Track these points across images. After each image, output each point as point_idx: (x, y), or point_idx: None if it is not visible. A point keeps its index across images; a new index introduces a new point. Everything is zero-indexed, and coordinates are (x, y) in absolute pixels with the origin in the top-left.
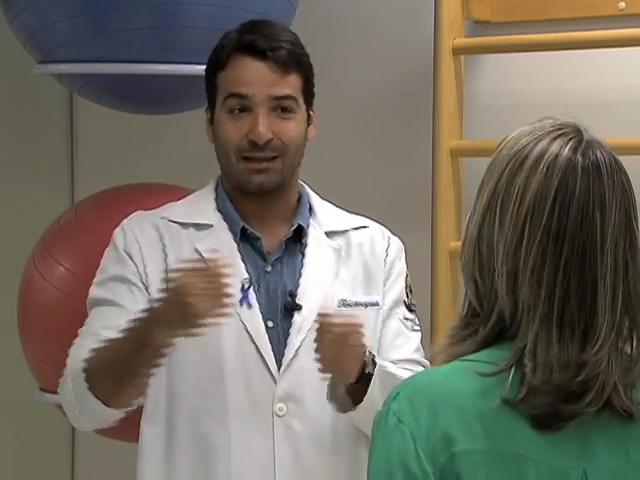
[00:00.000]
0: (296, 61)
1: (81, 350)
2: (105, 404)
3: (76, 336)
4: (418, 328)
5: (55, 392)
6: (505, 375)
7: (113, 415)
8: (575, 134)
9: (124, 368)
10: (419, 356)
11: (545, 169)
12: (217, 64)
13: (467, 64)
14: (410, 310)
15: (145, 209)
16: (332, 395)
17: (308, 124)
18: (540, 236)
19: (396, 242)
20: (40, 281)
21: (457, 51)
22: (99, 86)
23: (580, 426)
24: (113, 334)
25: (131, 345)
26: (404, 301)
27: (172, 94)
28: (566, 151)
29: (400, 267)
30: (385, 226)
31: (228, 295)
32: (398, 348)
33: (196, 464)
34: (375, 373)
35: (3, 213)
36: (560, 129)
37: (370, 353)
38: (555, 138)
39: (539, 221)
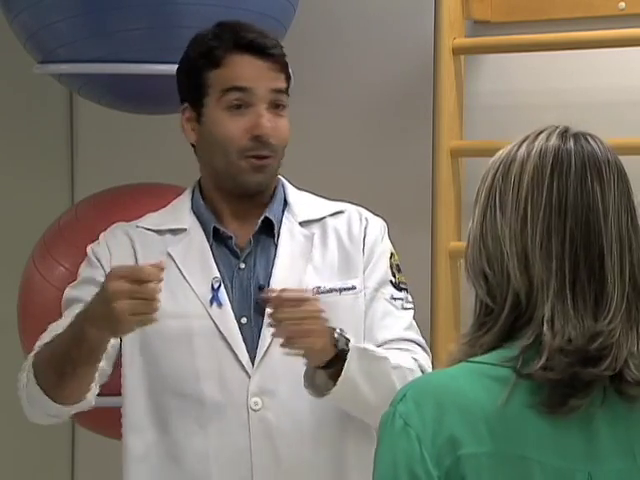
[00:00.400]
0: (285, 60)
1: (38, 344)
2: (51, 398)
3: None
4: (410, 306)
5: None
6: (521, 356)
7: (61, 411)
8: (560, 127)
9: (65, 362)
10: (413, 334)
11: (538, 152)
12: (208, 62)
13: (467, 64)
14: (399, 289)
15: (145, 209)
16: (309, 379)
17: None
18: (543, 211)
19: (375, 222)
20: (40, 281)
21: (457, 51)
22: (99, 86)
23: (587, 422)
24: None
25: (70, 340)
26: (390, 281)
27: (172, 94)
28: (554, 138)
29: (382, 247)
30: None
31: (155, 303)
32: (387, 328)
33: (175, 463)
34: (350, 350)
35: (3, 213)
36: (544, 128)
37: (341, 331)
38: (540, 133)
39: (540, 198)
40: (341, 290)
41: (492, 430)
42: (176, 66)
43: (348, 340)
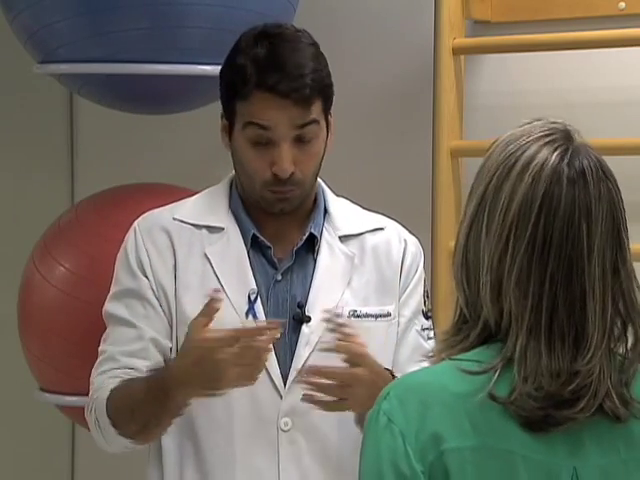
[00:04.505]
0: (318, 90)
1: (100, 378)
2: (134, 441)
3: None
4: (433, 335)
5: (55, 392)
6: (491, 375)
7: (141, 444)
8: (563, 141)
9: (148, 417)
10: None
11: (531, 179)
12: (236, 93)
13: (467, 64)
14: (427, 317)
15: (145, 209)
16: (359, 419)
17: (328, 134)
18: (525, 247)
19: (413, 245)
20: (40, 281)
21: (457, 51)
22: (99, 86)
23: (570, 428)
24: (129, 361)
25: (151, 400)
26: (422, 310)
27: (172, 94)
28: (552, 159)
29: (419, 274)
30: None
31: (262, 364)
32: (416, 363)
33: (200, 474)
34: None
35: (3, 213)
36: (548, 135)
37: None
38: (542, 145)
39: (524, 232)
40: (377, 316)
41: (475, 425)
42: (176, 66)
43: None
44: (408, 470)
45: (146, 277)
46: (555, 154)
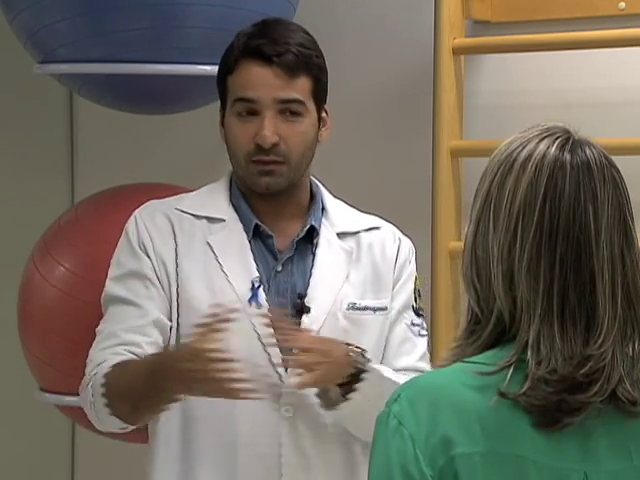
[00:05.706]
0: (305, 64)
1: (101, 353)
2: (125, 422)
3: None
4: (425, 333)
5: (55, 392)
6: (505, 373)
7: (132, 426)
8: (562, 134)
9: (141, 399)
10: (425, 364)
11: (533, 168)
12: (226, 67)
13: (467, 64)
14: (418, 315)
15: None
16: (321, 392)
17: (320, 126)
18: (533, 233)
19: (407, 244)
20: (40, 281)
21: (457, 51)
22: (99, 86)
23: (582, 426)
24: (130, 336)
25: (143, 380)
26: (412, 305)
27: (172, 94)
28: (553, 150)
29: (410, 270)
30: None
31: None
32: (403, 355)
33: (204, 463)
34: (369, 374)
35: (3, 213)
36: (548, 131)
37: (364, 357)
38: (542, 139)
39: (531, 219)
40: (375, 309)
41: (486, 430)
42: (176, 66)
43: (366, 361)
44: (418, 474)
45: (148, 257)
46: (556, 144)
